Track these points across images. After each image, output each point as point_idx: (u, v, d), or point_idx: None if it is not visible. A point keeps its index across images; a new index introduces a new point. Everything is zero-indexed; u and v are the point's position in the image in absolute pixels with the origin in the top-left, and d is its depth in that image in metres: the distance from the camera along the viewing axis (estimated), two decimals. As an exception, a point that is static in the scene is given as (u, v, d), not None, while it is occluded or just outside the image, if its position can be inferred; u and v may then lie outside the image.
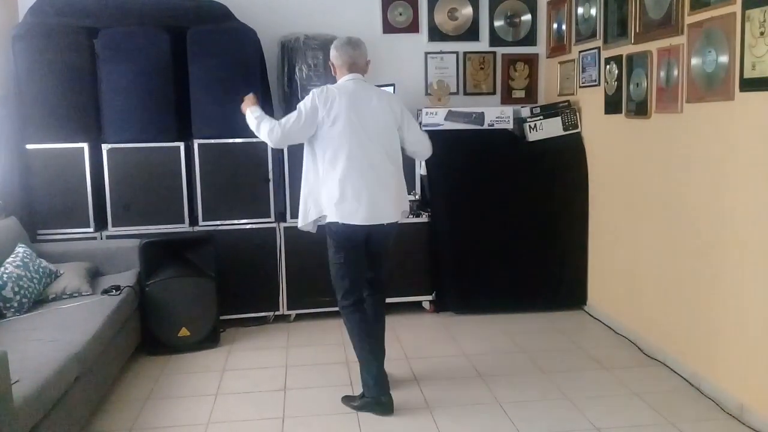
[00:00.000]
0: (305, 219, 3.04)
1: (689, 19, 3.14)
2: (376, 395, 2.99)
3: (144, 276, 3.74)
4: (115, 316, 3.27)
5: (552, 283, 4.43)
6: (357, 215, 2.91)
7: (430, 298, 4.48)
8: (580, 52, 4.35)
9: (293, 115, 2.97)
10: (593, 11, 4.14)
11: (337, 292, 3.09)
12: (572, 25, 4.45)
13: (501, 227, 4.41)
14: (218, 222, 4.16)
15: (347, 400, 3.11)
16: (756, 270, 2.79)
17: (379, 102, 3.00)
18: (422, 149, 3.19)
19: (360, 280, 3.07)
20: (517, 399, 3.13)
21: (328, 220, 2.96)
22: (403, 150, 3.13)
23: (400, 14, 4.85)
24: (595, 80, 4.15)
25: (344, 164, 2.91)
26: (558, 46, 4.71)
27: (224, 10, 4.25)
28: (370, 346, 3.04)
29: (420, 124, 4.44)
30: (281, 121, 2.99)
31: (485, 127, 4.55)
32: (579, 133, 4.45)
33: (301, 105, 2.98)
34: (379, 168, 2.95)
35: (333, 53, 3.09)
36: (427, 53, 4.91)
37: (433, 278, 4.44)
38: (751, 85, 2.74)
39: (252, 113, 3.10)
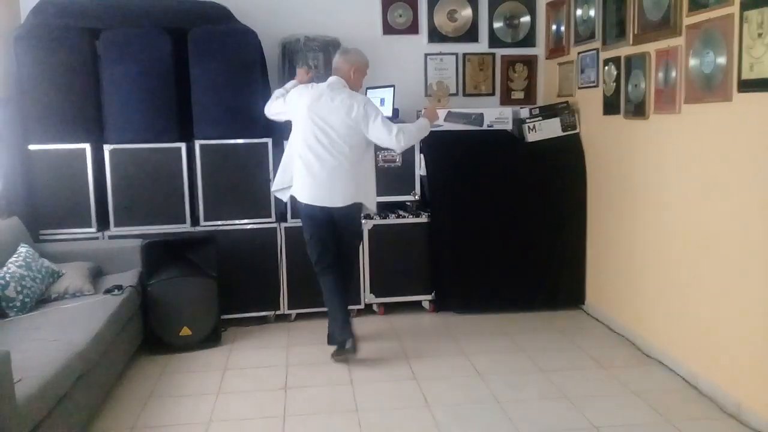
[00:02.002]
0: (275, 185, 3.79)
1: (687, 21, 3.16)
2: (342, 341, 3.53)
3: (146, 276, 3.76)
4: (117, 316, 3.29)
5: (551, 283, 4.44)
6: (306, 196, 3.51)
7: (430, 297, 4.49)
8: (578, 53, 4.37)
9: (285, 94, 3.71)
10: (592, 13, 4.16)
11: (310, 258, 3.68)
12: (571, 27, 4.47)
13: (500, 227, 4.43)
14: (219, 222, 4.18)
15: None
16: (755, 269, 2.81)
17: (341, 102, 3.48)
18: (382, 144, 3.57)
19: (326, 251, 3.62)
20: (516, 398, 3.14)
21: (292, 194, 3.63)
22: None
23: (400, 16, 4.87)
24: (594, 81, 4.17)
25: (301, 151, 3.51)
26: (557, 48, 4.73)
27: (225, 11, 4.27)
28: (338, 301, 3.61)
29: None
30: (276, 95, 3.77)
31: (484, 127, 4.57)
32: (578, 134, 4.47)
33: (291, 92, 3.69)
34: (330, 158, 3.45)
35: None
36: (426, 54, 4.93)
37: (433, 278, 4.45)
38: (749, 86, 2.75)
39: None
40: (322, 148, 3.46)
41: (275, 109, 3.72)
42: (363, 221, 4.09)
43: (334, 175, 3.47)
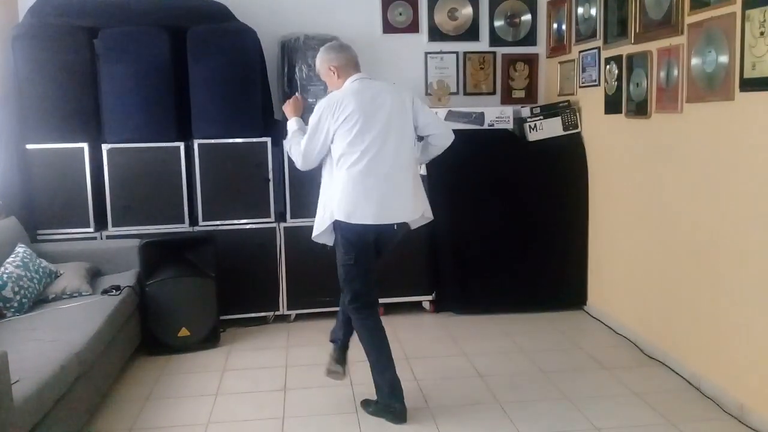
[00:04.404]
0: (320, 228, 2.95)
1: (689, 19, 3.14)
2: (389, 402, 2.93)
3: (144, 276, 3.74)
4: (115, 316, 3.27)
5: (552, 283, 4.43)
6: (367, 215, 2.83)
7: (430, 298, 4.48)
8: (580, 52, 4.35)
9: (307, 135, 2.93)
10: (593, 11, 4.14)
11: (345, 294, 2.98)
12: (572, 25, 4.45)
13: (501, 227, 4.41)
14: (218, 222, 4.16)
15: (365, 404, 3.05)
16: (756, 269, 2.79)
17: (390, 99, 2.91)
18: (436, 131, 3.03)
19: (371, 281, 2.98)
20: (517, 399, 3.13)
21: (337, 218, 2.86)
22: (422, 139, 3.05)
23: (400, 14, 4.85)
24: (595, 80, 4.15)
25: (355, 165, 2.84)
26: (558, 46, 4.71)
27: (224, 10, 4.25)
28: (385, 353, 2.95)
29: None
30: (300, 145, 2.94)
31: (485, 127, 4.55)
32: (579, 133, 4.45)
33: (311, 121, 2.91)
34: (391, 167, 2.87)
35: (331, 56, 2.99)
36: (427, 53, 4.91)
37: (433, 278, 4.44)
38: (751, 84, 2.74)
39: (291, 126, 3.08)
40: (382, 155, 2.85)
41: (316, 147, 2.90)
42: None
43: (400, 183, 2.89)
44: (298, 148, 2.96)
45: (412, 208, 2.94)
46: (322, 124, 2.86)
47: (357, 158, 2.83)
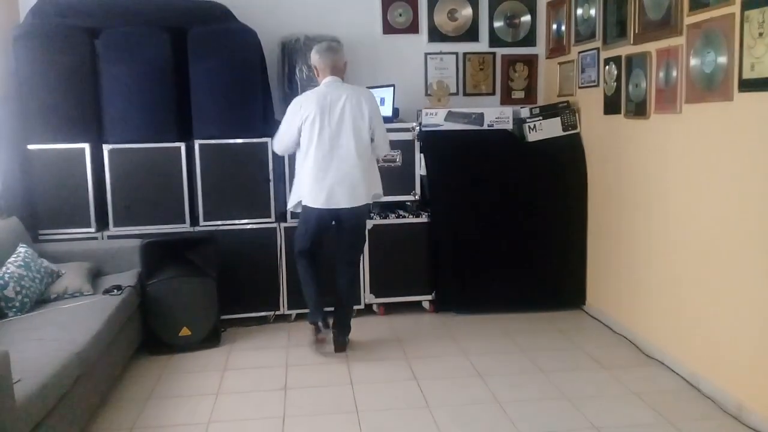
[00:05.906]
0: (291, 203, 3.77)
1: (688, 20, 3.15)
2: (313, 319, 3.70)
3: (145, 276, 3.75)
4: (117, 316, 3.28)
5: (551, 283, 4.44)
6: (318, 200, 3.52)
7: (430, 298, 4.49)
8: (579, 52, 4.36)
9: (281, 125, 3.66)
10: (592, 12, 4.15)
11: (294, 245, 3.79)
12: (571, 26, 4.46)
13: (501, 227, 4.42)
14: (219, 222, 4.17)
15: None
16: (755, 270, 2.80)
17: (348, 101, 3.51)
18: (377, 141, 3.63)
19: (312, 246, 3.70)
20: (517, 399, 3.14)
21: (302, 202, 3.61)
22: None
23: (400, 15, 4.86)
24: (595, 81, 4.16)
25: (312, 158, 3.51)
26: (557, 47, 4.72)
27: (225, 10, 4.26)
28: (309, 289, 3.73)
29: (420, 124, 4.46)
30: (278, 132, 3.71)
31: (485, 127, 4.56)
32: (578, 134, 4.46)
33: (286, 113, 3.62)
34: (342, 161, 3.50)
35: (315, 57, 3.63)
36: (426, 54, 4.92)
37: (433, 278, 4.45)
38: (749, 85, 2.75)
39: None
40: (335, 150, 3.50)
41: (285, 138, 3.65)
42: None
43: (348, 175, 3.51)
44: (276, 136, 3.75)
45: (359, 197, 3.55)
46: (292, 117, 3.57)
47: (315, 152, 3.49)
